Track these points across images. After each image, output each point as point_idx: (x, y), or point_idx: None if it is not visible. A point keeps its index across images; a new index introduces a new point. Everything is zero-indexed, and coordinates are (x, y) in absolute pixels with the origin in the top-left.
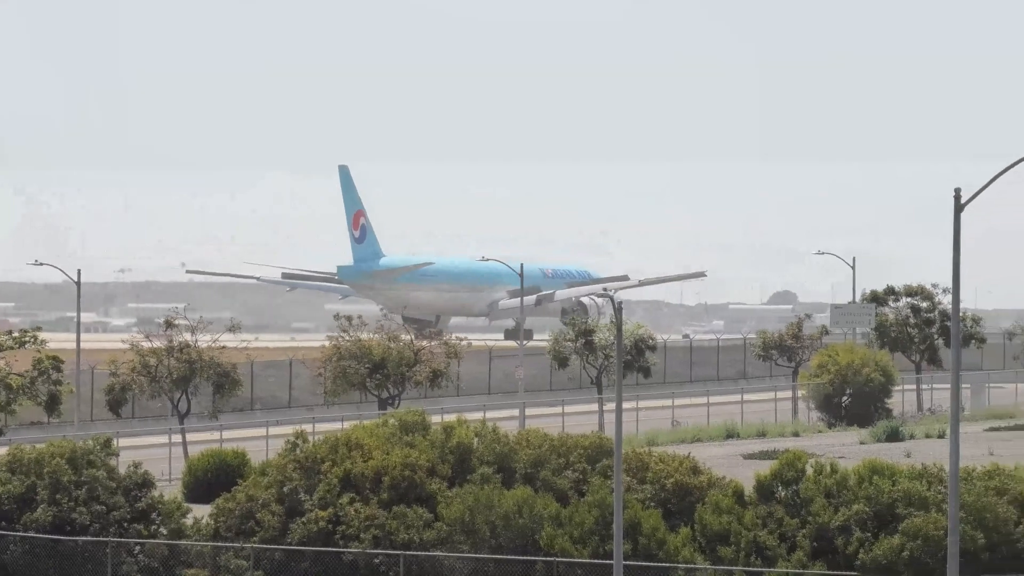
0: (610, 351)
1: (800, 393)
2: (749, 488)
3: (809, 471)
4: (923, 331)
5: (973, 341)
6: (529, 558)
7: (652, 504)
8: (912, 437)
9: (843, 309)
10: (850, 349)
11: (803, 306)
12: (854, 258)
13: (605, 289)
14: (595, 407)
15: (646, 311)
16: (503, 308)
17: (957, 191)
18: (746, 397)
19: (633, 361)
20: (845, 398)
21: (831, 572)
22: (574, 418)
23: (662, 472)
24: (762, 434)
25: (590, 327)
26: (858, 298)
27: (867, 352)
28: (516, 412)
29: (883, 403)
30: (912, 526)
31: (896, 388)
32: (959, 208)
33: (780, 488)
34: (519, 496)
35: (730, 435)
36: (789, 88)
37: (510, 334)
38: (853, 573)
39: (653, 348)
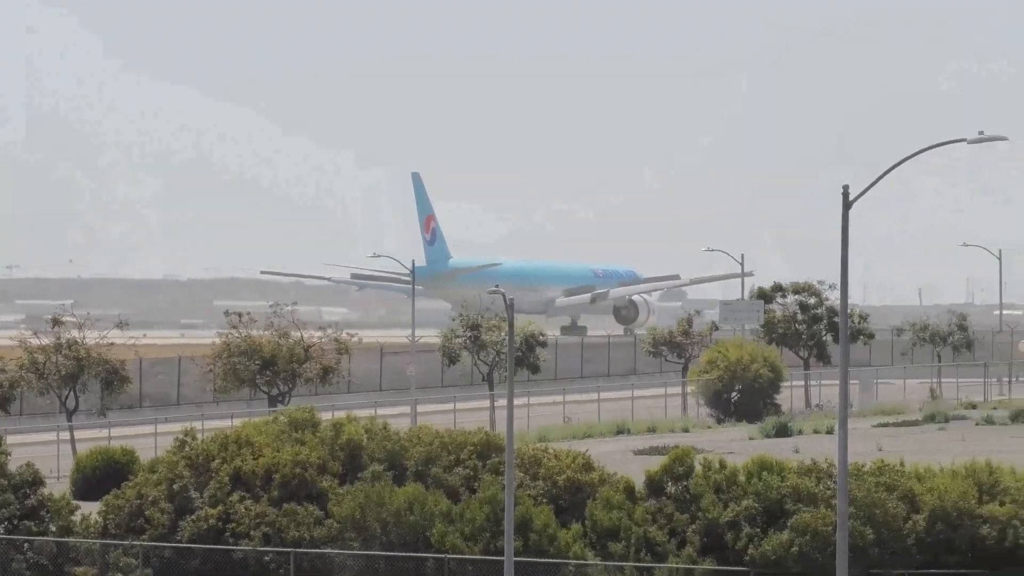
0: (501, 347)
1: (690, 389)
2: (640, 484)
3: (698, 467)
4: (811, 327)
5: (861, 337)
6: (420, 555)
7: (544, 500)
8: (801, 433)
9: (732, 306)
10: (739, 345)
11: (693, 303)
12: (743, 255)
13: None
14: (487, 404)
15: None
16: (559, 306)
17: (845, 188)
18: (636, 393)
19: (524, 357)
20: (734, 394)
21: (720, 568)
22: (466, 415)
23: (554, 468)
24: (652, 430)
25: (477, 323)
26: (747, 295)
27: (756, 348)
28: (407, 409)
29: (772, 399)
30: (801, 522)
31: (785, 384)
32: (847, 206)
33: (670, 484)
34: (410, 493)
35: (620, 431)
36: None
37: (566, 330)
38: (742, 568)
39: (544, 344)
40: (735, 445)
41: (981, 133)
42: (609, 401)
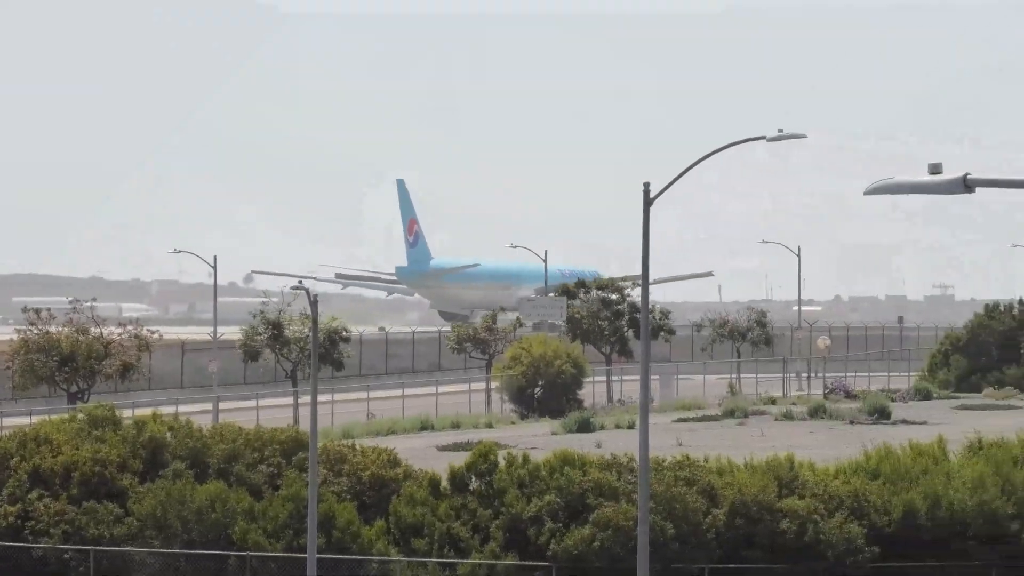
0: (304, 344)
1: (494, 385)
2: (444, 480)
3: (502, 462)
4: (613, 323)
5: (662, 333)
6: (222, 553)
7: (348, 497)
8: (603, 428)
9: (535, 302)
10: (542, 342)
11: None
12: (546, 252)
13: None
14: (290, 400)
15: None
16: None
17: (646, 185)
18: (441, 389)
19: (327, 354)
20: (537, 390)
21: (523, 563)
22: (269, 412)
23: (359, 465)
24: (456, 426)
25: (280, 320)
26: (550, 291)
27: (559, 344)
28: (209, 406)
29: (574, 394)
30: (602, 516)
31: (587, 380)
32: (648, 202)
33: (474, 479)
34: (212, 491)
35: (425, 427)
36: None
37: (537, 326)
38: (544, 563)
39: (347, 340)
40: (538, 440)
41: (781, 131)
42: (413, 397)
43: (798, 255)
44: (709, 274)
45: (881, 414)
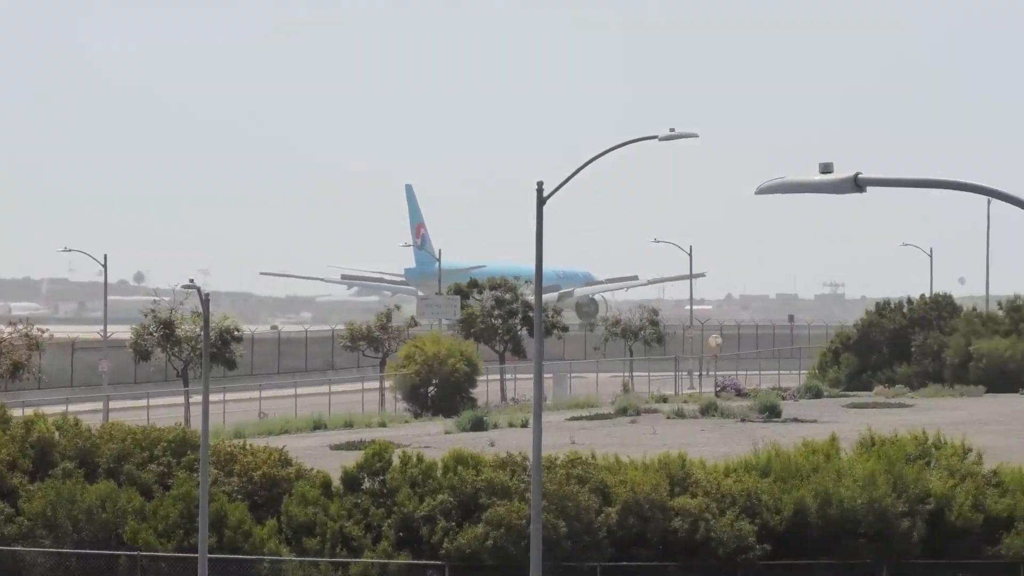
0: (196, 343)
1: (387, 384)
2: (336, 479)
3: (395, 461)
4: (507, 322)
5: (555, 332)
6: (112, 552)
7: (239, 496)
8: (496, 427)
9: (429, 301)
10: (436, 340)
11: (391, 298)
12: (440, 250)
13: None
14: (182, 400)
15: (234, 302)
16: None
17: (539, 184)
18: (334, 388)
19: (219, 353)
20: (431, 388)
21: (415, 562)
22: (160, 411)
23: (250, 464)
24: (349, 425)
25: (172, 319)
26: (444, 290)
27: (453, 343)
28: (100, 406)
29: (468, 393)
30: (495, 515)
31: (481, 378)
32: (541, 200)
33: (366, 479)
34: (102, 490)
35: (317, 426)
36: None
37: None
38: (438, 562)
39: (239, 339)
40: (432, 439)
41: (673, 130)
42: (306, 396)
43: (690, 254)
44: (702, 275)
45: (772, 412)
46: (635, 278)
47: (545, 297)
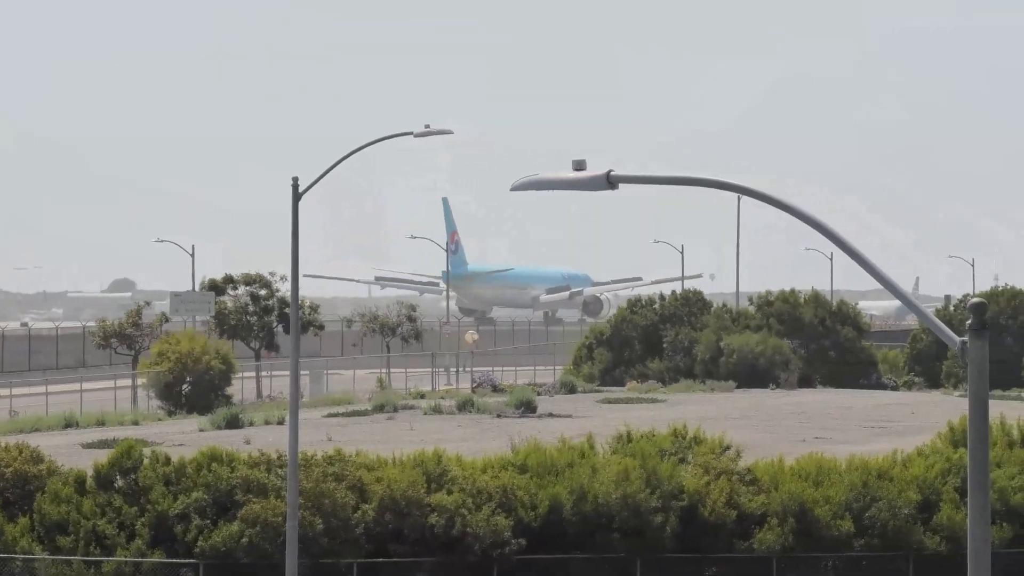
0: None
1: (140, 381)
2: (89, 477)
3: (147, 460)
4: (262, 319)
5: (312, 328)
6: None
7: None
8: (252, 424)
9: (182, 297)
10: (191, 337)
11: (143, 294)
12: (193, 246)
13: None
14: None
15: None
16: (543, 302)
17: (295, 180)
18: (85, 386)
19: None
20: (185, 386)
21: (169, 560)
22: None
23: (1, 461)
24: (102, 423)
25: None
26: (197, 286)
27: (207, 340)
28: None
29: (223, 390)
30: (250, 512)
31: (236, 376)
32: (297, 197)
33: (119, 477)
34: None
35: (69, 424)
36: None
37: (547, 319)
38: (192, 560)
39: None
40: (186, 437)
41: (428, 127)
42: (58, 394)
43: (446, 250)
44: (699, 275)
45: (527, 407)
46: (639, 279)
47: (555, 296)
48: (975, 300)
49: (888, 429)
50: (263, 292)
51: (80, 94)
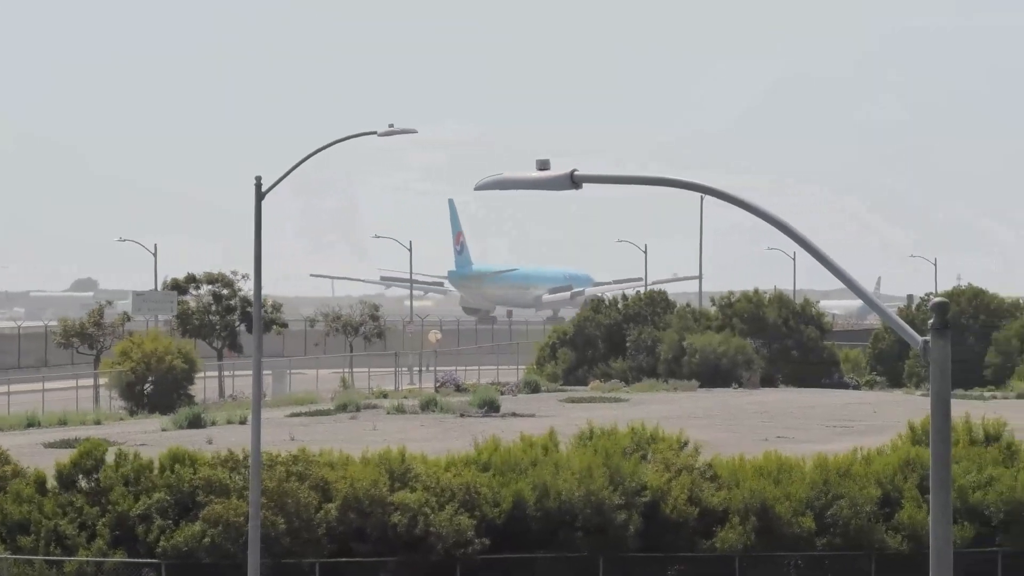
0: None
1: (103, 381)
2: (51, 477)
3: (110, 460)
4: (225, 318)
5: (274, 327)
6: None
7: None
8: (215, 424)
9: (145, 296)
10: (153, 337)
11: (105, 293)
12: (156, 245)
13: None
14: None
15: None
16: (545, 301)
17: (258, 179)
18: (47, 386)
19: None
20: (148, 386)
21: (131, 560)
22: None
23: None
24: (64, 423)
25: None
26: (160, 286)
27: (170, 340)
28: None
29: (186, 390)
30: (213, 513)
31: (199, 375)
32: (260, 196)
33: (81, 477)
34: None
35: (31, 424)
36: None
37: (550, 319)
38: (154, 560)
39: None
40: (148, 437)
41: (391, 126)
42: (19, 394)
43: (410, 249)
44: (696, 277)
45: (491, 407)
46: (640, 279)
47: (557, 296)
48: (937, 300)
49: (850, 428)
50: (225, 291)
51: (80, 94)
